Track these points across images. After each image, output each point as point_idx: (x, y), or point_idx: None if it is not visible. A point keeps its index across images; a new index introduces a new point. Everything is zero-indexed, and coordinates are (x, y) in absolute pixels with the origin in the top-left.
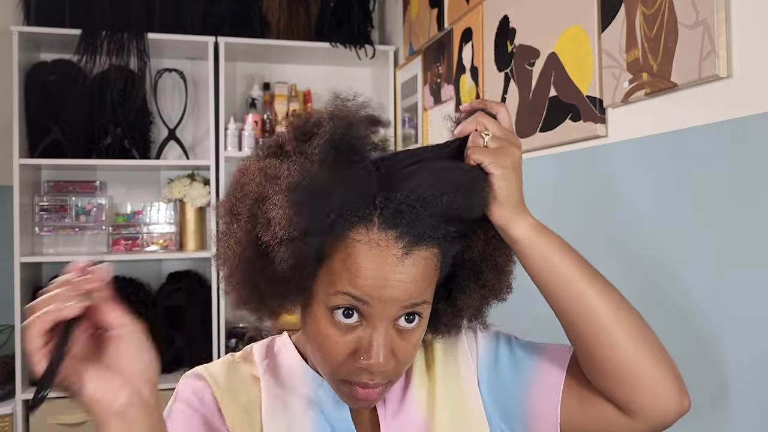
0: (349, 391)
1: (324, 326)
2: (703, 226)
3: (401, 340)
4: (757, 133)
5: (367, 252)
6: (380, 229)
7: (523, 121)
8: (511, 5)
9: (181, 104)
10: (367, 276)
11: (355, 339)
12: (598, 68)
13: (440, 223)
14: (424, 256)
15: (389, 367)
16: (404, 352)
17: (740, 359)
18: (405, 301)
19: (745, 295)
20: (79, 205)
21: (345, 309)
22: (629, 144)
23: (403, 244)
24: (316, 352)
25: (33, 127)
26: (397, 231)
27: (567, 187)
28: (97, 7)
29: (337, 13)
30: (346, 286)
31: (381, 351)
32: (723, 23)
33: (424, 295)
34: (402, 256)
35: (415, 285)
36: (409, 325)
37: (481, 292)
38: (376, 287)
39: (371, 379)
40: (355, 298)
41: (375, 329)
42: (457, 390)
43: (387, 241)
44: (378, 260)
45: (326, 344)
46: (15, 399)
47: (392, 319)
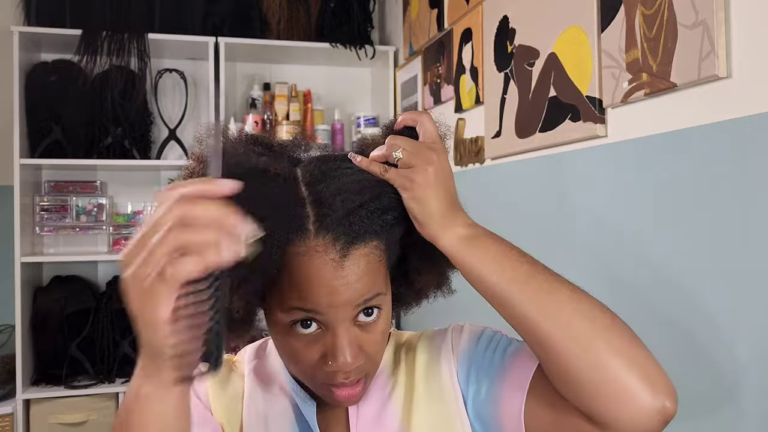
0: (330, 394)
1: (288, 341)
2: (703, 226)
3: (365, 333)
4: (757, 133)
5: (308, 263)
6: (316, 236)
7: (523, 122)
8: (511, 5)
9: (181, 104)
10: (312, 287)
11: (321, 346)
12: (597, 68)
13: (374, 215)
14: (363, 252)
15: (359, 363)
16: (371, 345)
17: (742, 361)
18: (356, 301)
19: (745, 294)
20: (80, 205)
21: (302, 321)
22: (629, 144)
23: (339, 246)
24: (290, 366)
25: (33, 127)
26: (332, 234)
27: (567, 188)
28: (98, 7)
29: (337, 13)
30: (295, 301)
31: (347, 351)
32: (722, 23)
33: (374, 289)
34: (340, 258)
35: (362, 283)
36: (369, 318)
37: (435, 269)
38: (323, 296)
39: (346, 378)
40: (308, 311)
41: (335, 334)
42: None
43: (324, 246)
44: (319, 268)
45: (295, 356)
46: (15, 399)
47: (349, 319)
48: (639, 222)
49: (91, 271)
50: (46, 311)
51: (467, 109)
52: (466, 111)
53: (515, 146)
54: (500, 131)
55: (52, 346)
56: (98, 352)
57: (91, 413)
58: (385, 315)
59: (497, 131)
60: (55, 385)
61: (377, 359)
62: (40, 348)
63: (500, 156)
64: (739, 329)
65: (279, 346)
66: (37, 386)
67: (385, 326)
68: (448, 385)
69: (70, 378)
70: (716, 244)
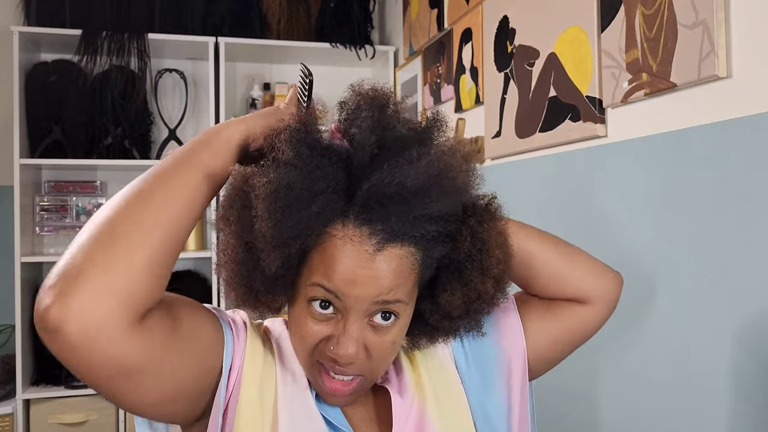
0: (320, 381)
1: (303, 316)
2: (703, 226)
3: (375, 335)
4: (757, 133)
5: (341, 247)
6: (355, 225)
7: (523, 122)
8: (511, 5)
9: (181, 104)
10: (339, 270)
11: (330, 329)
12: (597, 68)
13: (417, 221)
14: (398, 253)
15: (359, 359)
16: (378, 349)
17: (743, 358)
18: (376, 297)
19: (745, 294)
20: (80, 205)
21: (321, 301)
22: (629, 144)
23: (376, 240)
24: (294, 338)
25: (33, 127)
26: (370, 227)
27: (566, 187)
28: (98, 7)
29: (337, 13)
30: (320, 278)
31: (351, 343)
32: (722, 23)
33: (397, 293)
34: (374, 252)
35: (387, 281)
36: (385, 322)
37: (463, 290)
38: (347, 282)
39: (341, 368)
40: (329, 291)
41: (348, 322)
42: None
43: (360, 237)
44: (351, 255)
45: (303, 330)
46: (15, 399)
47: (366, 314)
48: (639, 222)
49: None
50: None
51: (467, 109)
52: (466, 111)
53: (515, 146)
54: (500, 131)
55: None
56: None
57: (91, 413)
58: (400, 325)
59: (497, 131)
60: (55, 385)
61: (379, 366)
62: (40, 348)
63: (500, 156)
64: (739, 329)
65: (292, 319)
66: (37, 386)
67: (397, 337)
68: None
69: (70, 378)
70: (716, 244)
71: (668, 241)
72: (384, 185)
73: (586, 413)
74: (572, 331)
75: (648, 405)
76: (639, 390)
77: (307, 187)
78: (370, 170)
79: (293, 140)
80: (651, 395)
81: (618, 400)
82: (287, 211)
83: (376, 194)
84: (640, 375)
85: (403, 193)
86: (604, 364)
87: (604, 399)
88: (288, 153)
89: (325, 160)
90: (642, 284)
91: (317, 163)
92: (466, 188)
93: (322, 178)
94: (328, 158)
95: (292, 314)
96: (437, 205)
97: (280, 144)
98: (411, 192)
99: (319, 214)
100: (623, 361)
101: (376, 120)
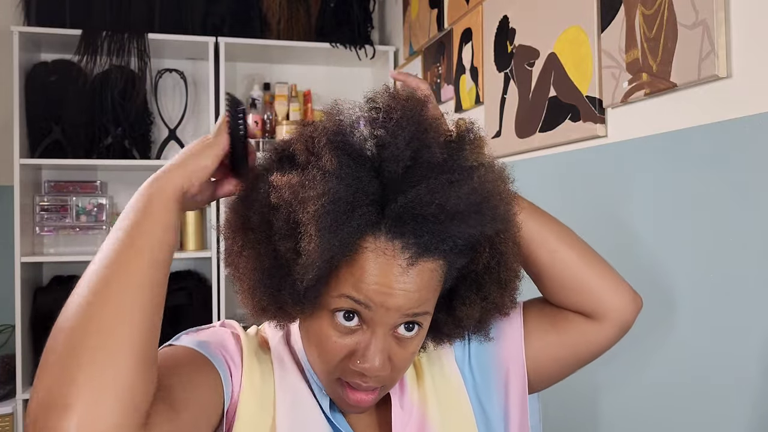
0: (341, 393)
1: (325, 327)
2: (703, 226)
3: (399, 347)
4: (757, 133)
5: (374, 259)
6: (387, 238)
7: (523, 122)
8: (511, 5)
9: (181, 104)
10: (372, 282)
11: (354, 342)
12: (597, 68)
13: (448, 235)
14: (429, 267)
15: (385, 372)
16: (400, 360)
17: (743, 359)
18: (407, 310)
19: (745, 294)
20: (80, 205)
21: (346, 312)
22: (629, 144)
23: (409, 254)
24: (313, 350)
25: (33, 127)
26: (403, 240)
27: (567, 188)
28: (98, 7)
29: (337, 13)
30: (349, 290)
31: (378, 356)
32: (722, 23)
33: (426, 306)
34: (407, 266)
35: (419, 295)
36: (408, 333)
37: (482, 304)
38: (379, 293)
39: (364, 381)
40: (358, 302)
41: (374, 334)
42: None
43: (393, 251)
44: (383, 268)
45: (325, 344)
46: (15, 399)
47: (392, 326)
48: (639, 222)
49: None
50: (46, 311)
51: (467, 109)
52: (466, 111)
53: (515, 146)
54: (500, 131)
55: None
56: None
57: None
58: (421, 335)
59: (497, 131)
60: None
61: (399, 375)
62: (40, 348)
63: (500, 156)
64: (739, 329)
65: (311, 331)
66: None
67: (418, 346)
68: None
69: None
70: (716, 244)
71: (668, 241)
72: (422, 203)
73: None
74: (575, 347)
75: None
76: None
77: (349, 200)
78: (404, 185)
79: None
80: (659, 399)
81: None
82: (334, 227)
83: (412, 210)
84: (639, 376)
85: (441, 214)
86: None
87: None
88: (332, 162)
89: (362, 171)
90: (642, 284)
91: (356, 173)
92: (504, 217)
93: (361, 191)
94: (363, 167)
95: (311, 327)
96: (475, 230)
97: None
98: (450, 215)
99: (358, 228)
100: (623, 361)
101: (412, 133)
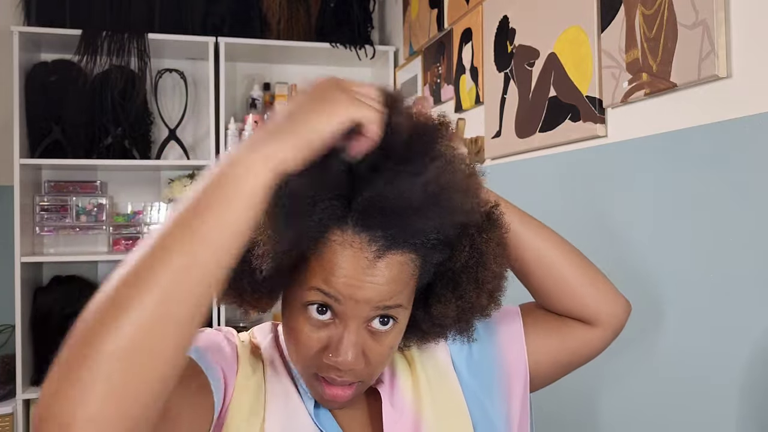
0: (319, 389)
1: (298, 321)
2: (703, 226)
3: (373, 341)
4: (757, 133)
5: (341, 252)
6: (354, 231)
7: (523, 122)
8: (511, 5)
9: (181, 104)
10: (340, 275)
11: (327, 336)
12: (597, 68)
13: (414, 228)
14: (399, 260)
15: (358, 366)
16: (376, 354)
17: (743, 359)
18: (377, 302)
19: (745, 294)
20: (80, 205)
21: (318, 305)
22: (629, 144)
23: (376, 246)
24: (290, 345)
25: (33, 127)
26: (370, 233)
27: (567, 188)
28: (98, 7)
29: (337, 13)
30: (319, 282)
31: (350, 349)
32: (722, 23)
33: (397, 299)
34: (374, 258)
35: (388, 287)
36: (383, 327)
37: (457, 303)
38: (348, 286)
39: (339, 376)
40: (328, 295)
41: (347, 327)
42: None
43: (360, 243)
44: (351, 261)
45: (299, 338)
46: (15, 399)
47: (365, 320)
48: (639, 222)
49: (91, 272)
50: (45, 311)
51: (467, 109)
52: (466, 111)
53: (515, 146)
54: (500, 131)
55: (52, 346)
56: None
57: None
58: (398, 329)
59: (497, 131)
60: None
61: (376, 370)
62: (40, 348)
63: (500, 156)
64: (739, 329)
65: (287, 326)
66: (37, 386)
67: (395, 341)
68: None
69: None
70: (716, 244)
71: (668, 241)
72: (383, 197)
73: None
74: (574, 352)
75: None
76: (643, 393)
77: (310, 195)
78: (372, 177)
79: None
80: (653, 397)
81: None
82: (289, 221)
83: (376, 203)
84: (639, 374)
85: (400, 206)
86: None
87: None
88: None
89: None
90: (642, 283)
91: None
92: (463, 209)
93: (326, 184)
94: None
95: (288, 322)
96: (433, 223)
97: None
98: (410, 208)
99: (321, 222)
100: (624, 360)
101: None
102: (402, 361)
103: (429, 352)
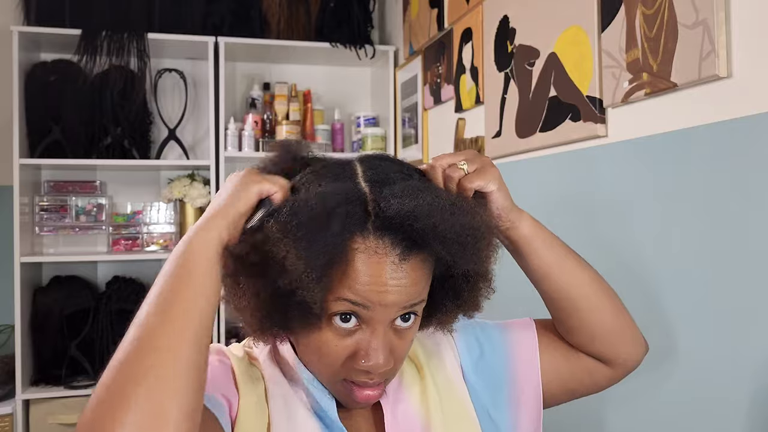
0: (348, 393)
1: (323, 332)
2: (703, 226)
3: (398, 338)
4: (757, 133)
5: (365, 259)
6: (375, 236)
7: (523, 121)
8: (511, 5)
9: (181, 104)
10: (366, 282)
11: (354, 342)
12: (598, 68)
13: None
14: (421, 258)
15: (389, 367)
16: (400, 350)
17: (742, 355)
18: (404, 303)
19: (745, 294)
20: (80, 205)
21: (342, 314)
22: (629, 144)
23: (399, 250)
24: (313, 357)
25: (33, 127)
26: (392, 237)
27: (567, 187)
28: (97, 7)
29: (337, 13)
30: (345, 292)
31: (381, 353)
32: (723, 23)
33: (422, 295)
34: (399, 261)
35: (414, 288)
36: (406, 324)
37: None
38: (375, 292)
39: (371, 378)
40: (355, 303)
41: (374, 332)
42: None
43: (384, 248)
44: (376, 266)
45: (324, 349)
46: (15, 399)
47: (391, 321)
48: (639, 222)
49: (91, 272)
50: (45, 311)
51: (467, 109)
52: (466, 111)
53: (515, 146)
54: (500, 131)
55: (51, 346)
56: (98, 353)
57: None
58: (417, 321)
59: (497, 131)
60: (54, 386)
61: (400, 365)
62: (39, 348)
63: (500, 156)
64: (740, 329)
65: (307, 340)
66: (37, 386)
67: (415, 332)
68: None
69: (70, 378)
70: (717, 244)
71: (668, 241)
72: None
73: None
74: (582, 384)
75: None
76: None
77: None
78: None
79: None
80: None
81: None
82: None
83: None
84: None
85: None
86: None
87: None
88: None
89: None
90: (642, 284)
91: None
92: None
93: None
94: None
95: (309, 335)
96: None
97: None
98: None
99: (342, 230)
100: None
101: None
102: (411, 368)
103: (438, 358)
